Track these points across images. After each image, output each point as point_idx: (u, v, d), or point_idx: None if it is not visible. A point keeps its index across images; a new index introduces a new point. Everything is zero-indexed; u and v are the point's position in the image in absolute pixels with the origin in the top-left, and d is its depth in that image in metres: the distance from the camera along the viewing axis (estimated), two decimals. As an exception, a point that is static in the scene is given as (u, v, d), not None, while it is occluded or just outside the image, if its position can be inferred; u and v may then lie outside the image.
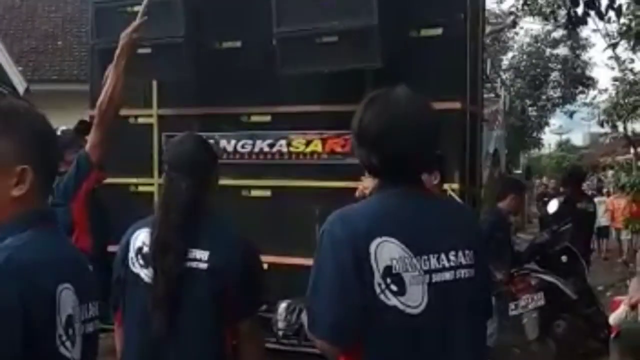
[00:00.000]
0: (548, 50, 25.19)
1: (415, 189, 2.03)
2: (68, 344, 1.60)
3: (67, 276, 1.64)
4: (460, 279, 1.96)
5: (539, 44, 24.97)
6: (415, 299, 1.89)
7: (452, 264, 1.96)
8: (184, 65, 5.94)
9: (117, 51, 3.66)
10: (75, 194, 3.55)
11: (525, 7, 16.24)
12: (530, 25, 26.63)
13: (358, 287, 1.86)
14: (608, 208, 16.27)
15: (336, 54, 5.50)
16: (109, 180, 6.57)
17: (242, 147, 6.25)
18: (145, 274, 2.53)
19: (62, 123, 5.21)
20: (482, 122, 6.44)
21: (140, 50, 5.94)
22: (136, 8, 5.81)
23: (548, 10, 14.12)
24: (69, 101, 11.77)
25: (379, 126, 1.97)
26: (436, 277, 1.92)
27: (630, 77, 19.95)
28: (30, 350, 1.51)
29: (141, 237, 2.59)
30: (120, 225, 6.42)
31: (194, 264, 2.48)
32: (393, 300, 1.87)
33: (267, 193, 6.17)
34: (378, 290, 1.87)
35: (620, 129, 22.18)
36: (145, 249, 2.55)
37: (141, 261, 2.55)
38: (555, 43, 24.87)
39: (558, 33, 23.65)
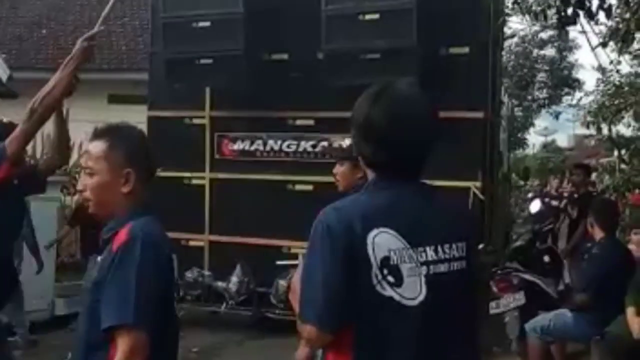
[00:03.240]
0: (535, 51, 26.68)
1: (413, 182, 2.12)
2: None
3: (172, 249, 2.51)
4: (454, 271, 2.05)
5: (526, 45, 26.41)
6: (412, 291, 1.96)
7: (446, 255, 2.04)
8: (241, 75, 7.21)
9: (71, 54, 3.61)
10: None
11: (515, 6, 17.28)
12: (518, 26, 27.99)
13: (349, 277, 1.94)
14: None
15: (378, 69, 6.79)
16: (165, 173, 7.90)
17: (288, 147, 7.60)
18: None
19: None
20: (499, 129, 7.81)
21: (203, 61, 7.28)
22: (201, 24, 7.15)
23: (538, 9, 14.53)
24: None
25: (389, 123, 2.04)
26: (432, 269, 2.01)
27: (617, 79, 21.35)
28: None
29: None
30: (173, 213, 7.77)
31: None
32: (389, 291, 1.94)
33: (309, 187, 7.45)
34: (375, 281, 1.93)
35: (605, 131, 23.54)
36: None
37: None
38: (542, 44, 26.37)
39: (546, 34, 25.10)
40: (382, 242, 1.95)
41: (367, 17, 6.83)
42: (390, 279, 1.94)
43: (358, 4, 6.89)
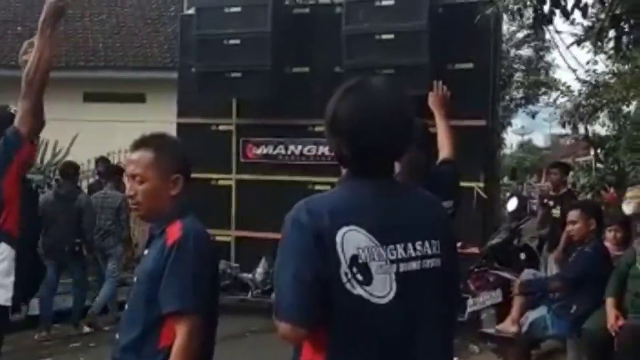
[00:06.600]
0: (512, 51, 27.98)
1: (383, 179, 2.17)
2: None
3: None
4: (426, 268, 2.10)
5: (503, 44, 27.65)
6: (381, 289, 2.02)
7: (418, 253, 2.09)
8: (268, 87, 8.49)
9: (41, 18, 3.64)
10: (5, 170, 3.66)
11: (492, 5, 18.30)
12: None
13: (321, 273, 2.00)
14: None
15: (392, 83, 8.08)
16: (195, 175, 9.03)
17: (308, 151, 8.95)
18: None
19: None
20: (498, 134, 9.17)
21: (233, 74, 8.53)
22: (232, 41, 8.40)
23: (515, 7, 15.37)
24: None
25: (352, 117, 2.11)
26: (403, 267, 2.06)
27: (593, 78, 22.68)
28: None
29: None
30: (202, 211, 8.95)
31: None
32: (358, 290, 2.00)
33: (327, 187, 8.67)
34: (344, 279, 2.00)
35: (582, 130, 24.91)
36: None
37: None
38: (519, 44, 27.67)
39: (522, 34, 26.45)
40: (351, 240, 2.02)
41: (383, 36, 8.13)
42: (359, 277, 2.01)
43: (375, 25, 8.19)
